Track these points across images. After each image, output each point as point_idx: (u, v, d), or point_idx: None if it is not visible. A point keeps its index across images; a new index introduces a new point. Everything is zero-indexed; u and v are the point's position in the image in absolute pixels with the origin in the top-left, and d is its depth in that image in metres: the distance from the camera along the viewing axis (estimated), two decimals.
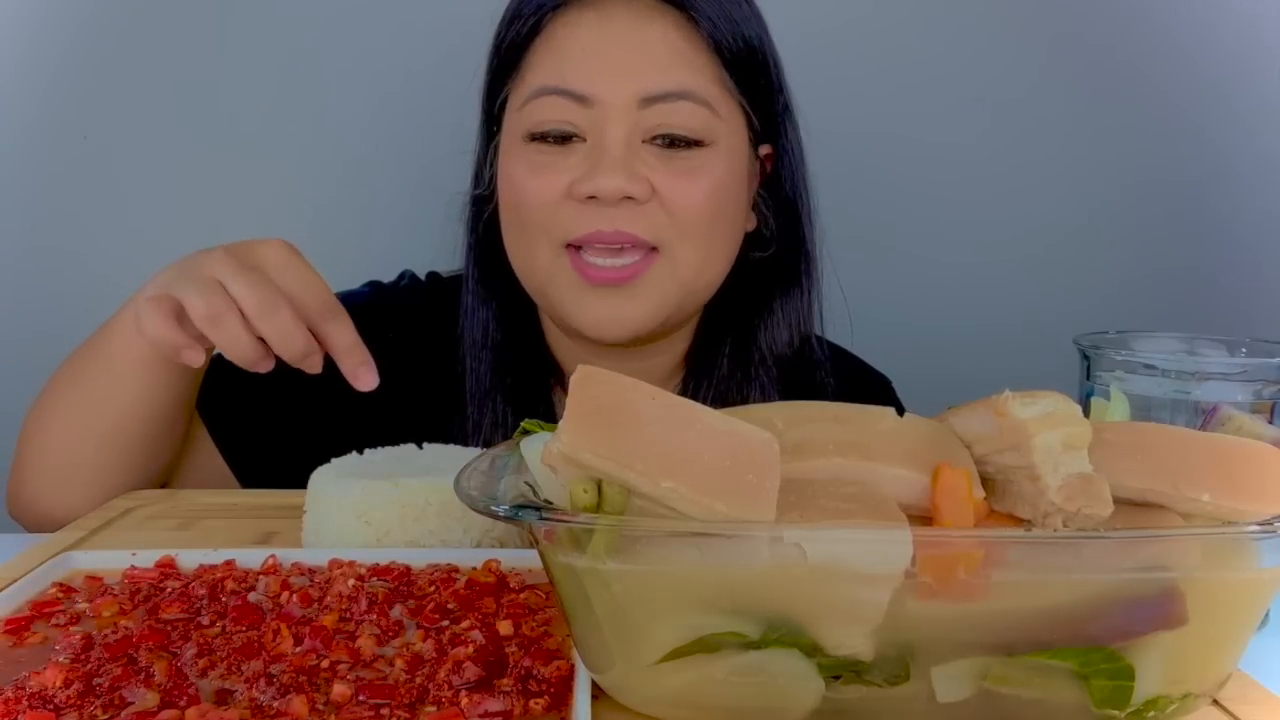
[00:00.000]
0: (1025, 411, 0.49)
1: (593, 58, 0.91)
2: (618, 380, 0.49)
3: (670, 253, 0.92)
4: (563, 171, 0.91)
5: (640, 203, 0.90)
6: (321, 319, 0.78)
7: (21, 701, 0.49)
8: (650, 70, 0.91)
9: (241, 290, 0.75)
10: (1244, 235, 1.53)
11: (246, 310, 0.75)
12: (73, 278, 1.49)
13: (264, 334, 0.76)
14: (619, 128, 0.90)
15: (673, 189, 0.91)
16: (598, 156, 0.90)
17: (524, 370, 1.02)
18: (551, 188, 0.91)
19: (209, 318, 0.75)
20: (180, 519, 0.85)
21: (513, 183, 0.94)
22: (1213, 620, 0.48)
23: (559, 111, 0.91)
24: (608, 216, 0.90)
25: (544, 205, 0.92)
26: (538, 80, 0.93)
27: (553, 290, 0.94)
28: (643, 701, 0.51)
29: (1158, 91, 1.51)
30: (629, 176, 0.89)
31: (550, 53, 0.93)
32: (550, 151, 0.92)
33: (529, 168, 0.93)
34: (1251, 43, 1.49)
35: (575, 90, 0.91)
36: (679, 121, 0.91)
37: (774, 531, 0.46)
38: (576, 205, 0.91)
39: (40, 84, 1.46)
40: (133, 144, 1.47)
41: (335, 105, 1.48)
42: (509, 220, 0.97)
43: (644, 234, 0.91)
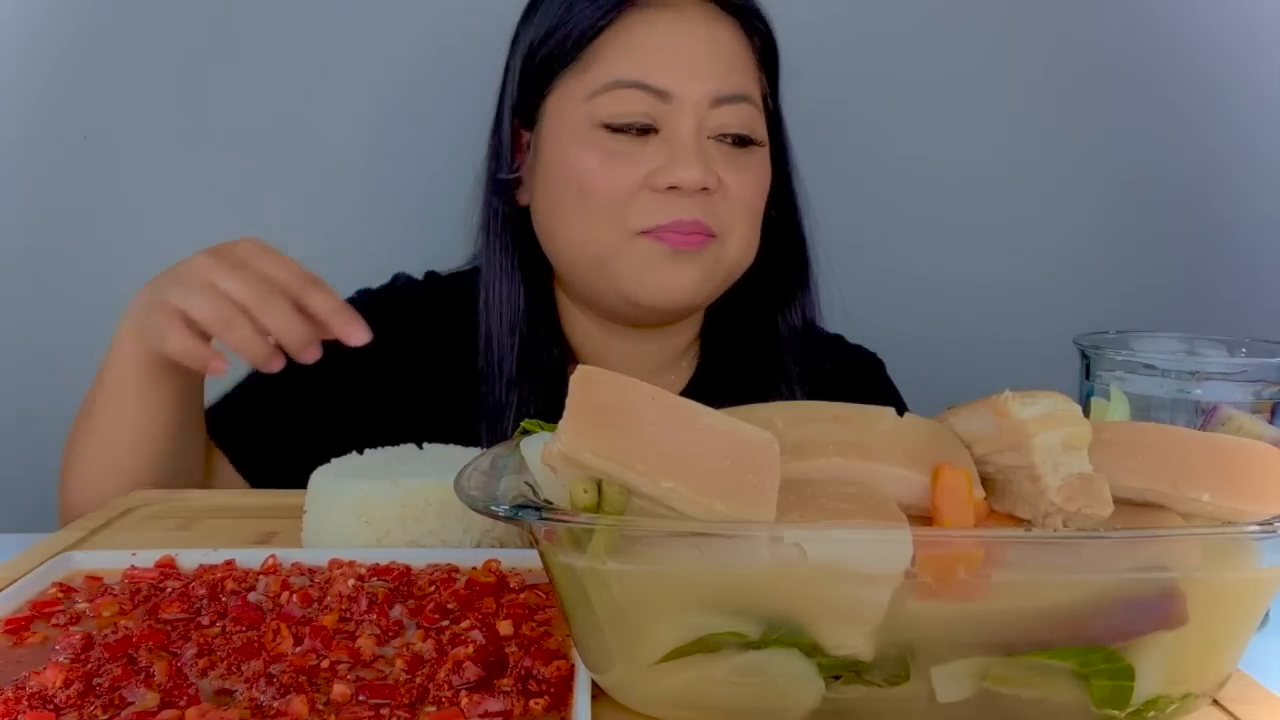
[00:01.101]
0: (1025, 411, 0.49)
1: (672, 56, 0.96)
2: (618, 380, 0.49)
3: (724, 239, 0.99)
4: (638, 162, 0.95)
5: (711, 193, 0.96)
6: (304, 294, 0.80)
7: (21, 701, 0.49)
8: (721, 72, 0.97)
9: (237, 287, 0.78)
10: (1244, 236, 1.53)
11: (249, 306, 0.78)
12: (73, 278, 1.49)
13: (269, 327, 0.78)
14: (691, 123, 0.96)
15: (733, 181, 0.98)
16: (676, 149, 0.95)
17: (545, 349, 1.05)
18: (627, 177, 0.95)
19: (220, 321, 0.78)
20: (180, 519, 0.85)
21: (581, 170, 0.97)
22: (1213, 620, 0.48)
23: (639, 104, 0.95)
24: (685, 206, 0.95)
25: (619, 192, 0.96)
26: (613, 73, 0.96)
27: (619, 266, 0.98)
28: (643, 701, 0.51)
29: (1157, 92, 1.51)
30: (706, 169, 0.95)
31: (626, 46, 0.97)
32: (627, 142, 0.96)
33: (603, 156, 0.96)
34: (1251, 44, 1.49)
35: (656, 85, 0.95)
36: (740, 122, 0.98)
37: (774, 531, 0.46)
38: (653, 194, 0.95)
39: (40, 84, 1.45)
40: (133, 144, 1.47)
41: (337, 104, 1.47)
42: (568, 206, 0.99)
43: (712, 224, 0.97)
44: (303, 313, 0.80)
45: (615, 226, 0.96)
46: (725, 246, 0.99)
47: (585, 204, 0.97)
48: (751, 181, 0.99)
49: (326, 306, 0.81)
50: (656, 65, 0.95)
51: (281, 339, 0.79)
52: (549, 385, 1.03)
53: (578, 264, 1.01)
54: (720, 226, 0.98)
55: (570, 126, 0.98)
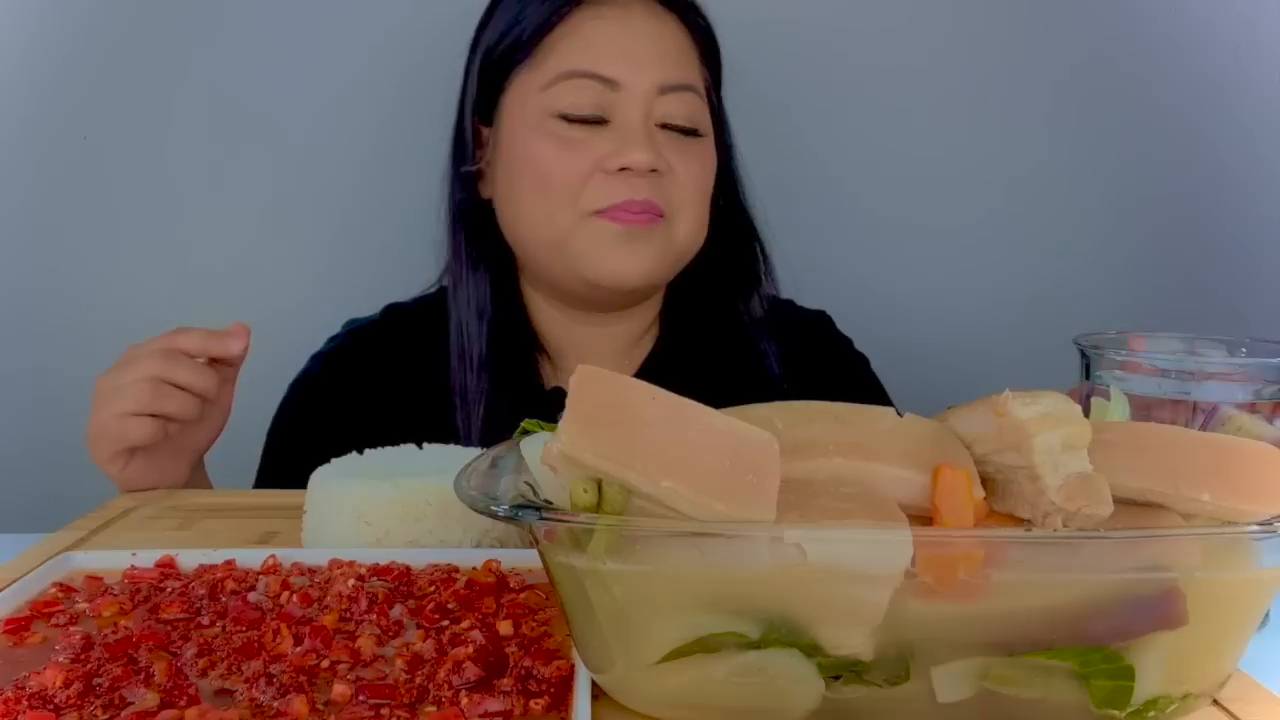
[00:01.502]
0: (1025, 411, 0.49)
1: (621, 47, 1.02)
2: (618, 380, 0.49)
3: (673, 220, 1.04)
4: (591, 148, 1.01)
5: (660, 175, 1.02)
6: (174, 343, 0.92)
7: (21, 701, 0.49)
8: (667, 63, 1.04)
9: (137, 374, 0.90)
10: (1244, 238, 1.53)
11: (159, 377, 0.90)
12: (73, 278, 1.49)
13: (181, 383, 0.91)
14: (639, 110, 1.02)
15: (680, 165, 1.04)
16: (626, 134, 1.01)
17: (513, 338, 1.10)
18: (581, 162, 1.01)
19: (146, 401, 0.89)
20: (180, 519, 0.85)
21: (537, 158, 1.02)
22: (1213, 620, 0.48)
23: (589, 94, 1.01)
24: (636, 186, 1.01)
25: (573, 177, 1.01)
26: (565, 65, 1.02)
27: (575, 248, 1.03)
28: (643, 702, 0.51)
29: (1157, 93, 1.50)
30: (655, 153, 1.01)
31: (578, 40, 1.02)
32: (580, 130, 1.02)
33: (558, 144, 1.02)
34: (1252, 45, 1.49)
35: (606, 74, 1.01)
36: (685, 111, 1.04)
37: (774, 531, 0.46)
38: (605, 177, 1.01)
39: (40, 85, 1.45)
40: (133, 145, 1.47)
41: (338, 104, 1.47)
42: (525, 193, 1.04)
43: (662, 203, 1.02)
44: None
45: (571, 209, 1.02)
46: (675, 227, 1.04)
47: (542, 189, 1.02)
48: (698, 168, 1.06)
49: (194, 344, 0.93)
50: (605, 56, 1.02)
51: (195, 388, 0.91)
52: (518, 371, 1.09)
53: (538, 248, 1.06)
54: (670, 208, 1.03)
55: (527, 118, 1.04)
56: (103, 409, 0.90)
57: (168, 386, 0.90)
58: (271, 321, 1.46)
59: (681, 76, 1.04)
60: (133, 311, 1.49)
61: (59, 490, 0.93)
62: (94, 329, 1.49)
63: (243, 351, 0.94)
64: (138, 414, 0.89)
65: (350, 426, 0.93)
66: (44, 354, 1.48)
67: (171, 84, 1.47)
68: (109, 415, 0.90)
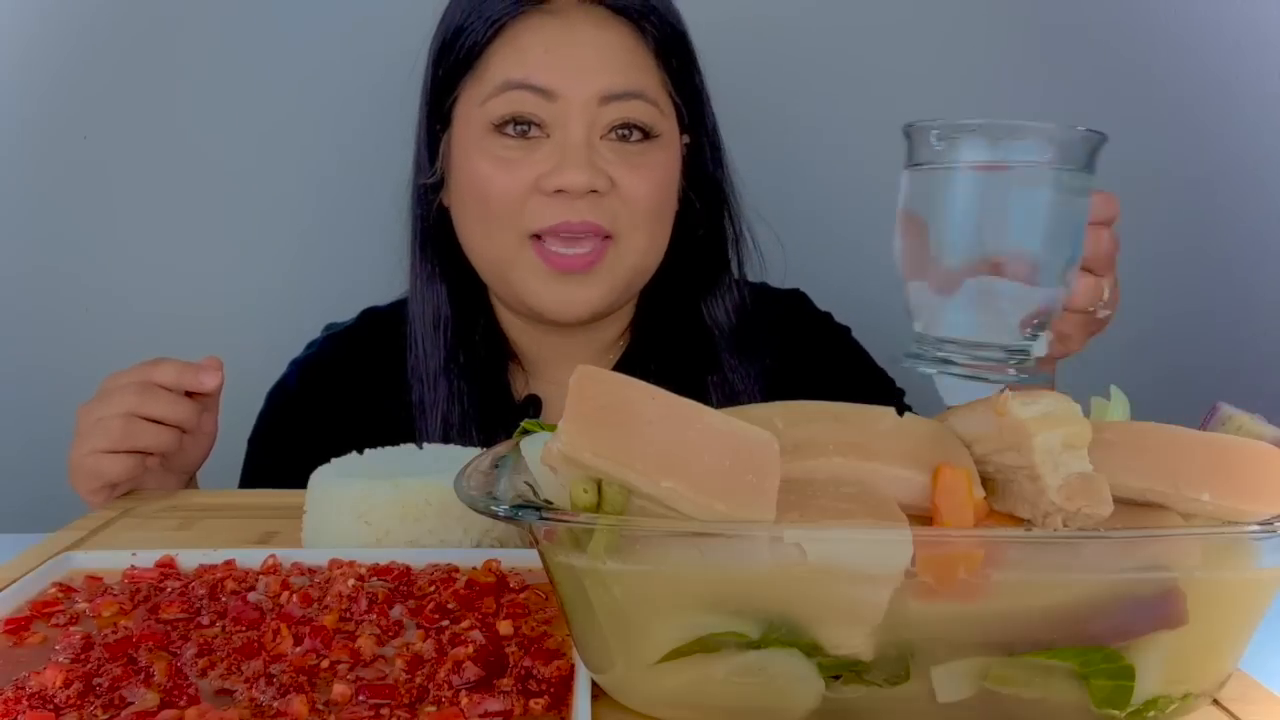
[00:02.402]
0: (1025, 411, 0.49)
1: (557, 57, 0.98)
2: (617, 380, 0.49)
3: (623, 239, 1.00)
4: (529, 166, 0.97)
5: (601, 194, 0.98)
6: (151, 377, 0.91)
7: (21, 701, 0.49)
8: (610, 71, 0.99)
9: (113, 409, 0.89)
10: (1247, 234, 1.53)
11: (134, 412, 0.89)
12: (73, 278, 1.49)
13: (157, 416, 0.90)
14: (580, 124, 0.97)
15: (627, 181, 0.99)
16: (564, 152, 0.97)
17: (476, 348, 1.08)
18: (518, 181, 0.98)
19: (120, 439, 0.89)
20: (180, 519, 0.85)
21: (477, 176, 0.99)
22: (1213, 620, 0.48)
23: (524, 104, 0.98)
24: (574, 208, 0.97)
25: (511, 197, 0.98)
26: (501, 75, 0.98)
27: (515, 276, 1.01)
28: (643, 701, 0.51)
29: (1158, 88, 1.50)
30: (593, 171, 0.96)
31: (514, 51, 0.99)
32: (515, 147, 0.98)
33: (494, 162, 0.98)
34: (1255, 39, 1.49)
35: (541, 85, 0.97)
36: (634, 118, 0.99)
37: (774, 531, 0.46)
38: (543, 198, 0.97)
39: (40, 85, 1.45)
40: (133, 145, 1.47)
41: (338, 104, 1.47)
42: (470, 211, 1.02)
43: (605, 223, 0.98)
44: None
45: (511, 230, 0.99)
46: (624, 248, 1.01)
47: (484, 210, 1.00)
48: (647, 180, 1.00)
49: (169, 377, 0.91)
50: (541, 67, 0.98)
51: (171, 420, 0.91)
52: (482, 384, 1.07)
53: (484, 266, 1.04)
54: (617, 226, 0.99)
55: (469, 133, 1.01)
56: (80, 444, 0.90)
57: (141, 422, 0.89)
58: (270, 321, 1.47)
59: (627, 83, 0.99)
60: (133, 311, 1.49)
61: (59, 490, 0.93)
62: (94, 329, 1.49)
63: (217, 385, 0.93)
64: (112, 451, 0.88)
65: (329, 433, 0.92)
66: (44, 354, 1.48)
67: (171, 85, 1.47)
68: (85, 452, 0.89)
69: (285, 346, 1.17)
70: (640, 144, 1.00)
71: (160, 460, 0.93)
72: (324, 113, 1.48)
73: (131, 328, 1.48)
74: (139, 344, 1.45)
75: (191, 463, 0.97)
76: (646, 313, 1.12)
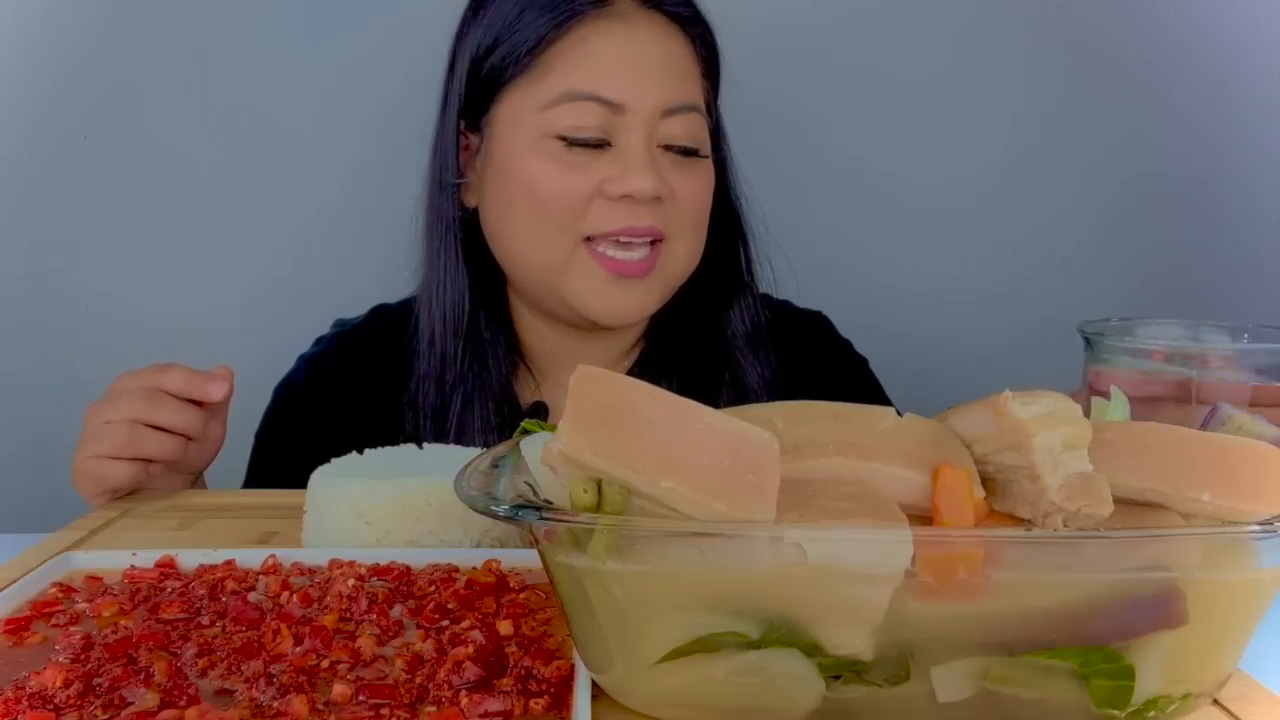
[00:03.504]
0: (1025, 411, 0.49)
1: (625, 66, 0.98)
2: (617, 380, 0.49)
3: (672, 244, 1.02)
4: (593, 172, 0.98)
5: (663, 200, 0.99)
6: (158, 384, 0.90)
7: (21, 701, 0.49)
8: (671, 83, 1.00)
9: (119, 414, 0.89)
10: (1245, 233, 1.53)
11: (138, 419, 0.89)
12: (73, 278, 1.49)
13: (162, 424, 0.89)
14: (642, 134, 0.98)
15: (682, 188, 1.01)
16: (629, 159, 0.97)
17: (486, 352, 1.07)
18: (581, 186, 0.98)
19: (125, 447, 0.88)
20: (180, 519, 0.85)
21: (535, 180, 0.99)
22: (1213, 620, 0.48)
23: (593, 117, 0.97)
24: (637, 213, 0.98)
25: (572, 201, 0.98)
26: (567, 84, 0.98)
27: (567, 280, 1.00)
28: (643, 701, 0.51)
29: (1159, 89, 1.50)
30: (659, 179, 0.98)
31: (580, 58, 0.98)
32: (582, 153, 0.98)
33: (559, 166, 0.98)
34: (1254, 40, 1.49)
35: (610, 98, 0.97)
36: (687, 133, 1.01)
37: (774, 531, 0.46)
38: (607, 203, 0.98)
39: (41, 85, 1.45)
40: (133, 145, 1.47)
41: (338, 104, 1.47)
42: (519, 213, 1.00)
43: (664, 229, 1.00)
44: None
45: (567, 234, 0.99)
46: (672, 251, 1.02)
47: (537, 211, 0.99)
48: (698, 189, 1.03)
49: (177, 384, 0.90)
50: (610, 77, 0.97)
51: (177, 428, 0.90)
52: (489, 389, 1.06)
53: (529, 270, 1.03)
54: (669, 231, 1.01)
55: (523, 135, 0.99)
56: (85, 446, 0.89)
57: (147, 430, 0.89)
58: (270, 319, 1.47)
59: (685, 96, 1.00)
60: (133, 312, 1.49)
61: (59, 490, 0.93)
62: (94, 329, 1.49)
63: (225, 395, 0.92)
64: (116, 457, 0.88)
65: (336, 431, 0.92)
66: (44, 354, 1.48)
67: (171, 85, 1.47)
68: (89, 455, 0.88)
69: (285, 346, 1.17)
70: (691, 156, 1.02)
71: (161, 468, 0.92)
72: (324, 112, 1.48)
73: (132, 328, 1.48)
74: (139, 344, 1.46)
75: (197, 466, 0.97)
76: (661, 321, 1.12)
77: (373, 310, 1.18)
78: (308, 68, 1.47)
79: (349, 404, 1.09)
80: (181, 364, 0.92)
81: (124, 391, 0.90)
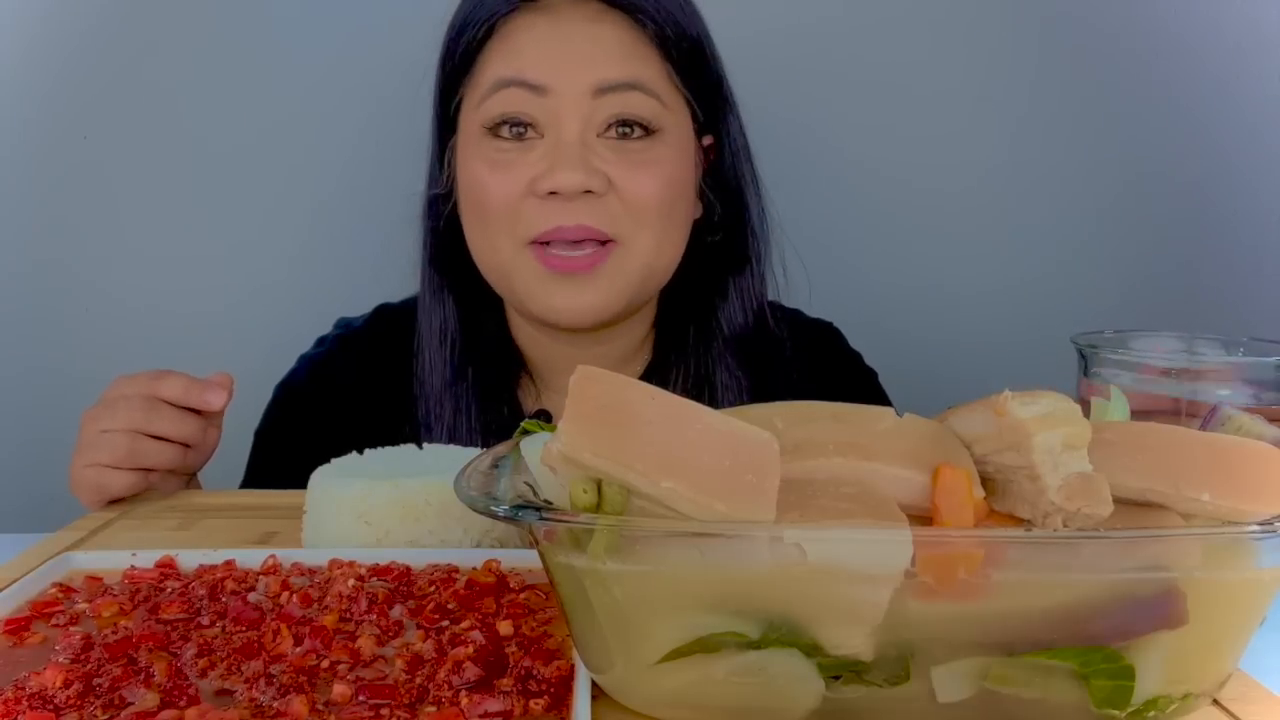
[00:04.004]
0: (1025, 411, 0.49)
1: (547, 52, 0.95)
2: (617, 380, 0.49)
3: (627, 243, 0.96)
4: (523, 168, 0.94)
5: (599, 196, 0.94)
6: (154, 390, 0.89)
7: (21, 702, 0.49)
8: (602, 62, 0.95)
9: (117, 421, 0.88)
10: (1246, 234, 1.53)
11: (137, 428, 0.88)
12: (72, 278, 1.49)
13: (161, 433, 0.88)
14: (574, 120, 0.94)
15: (628, 180, 0.94)
16: (556, 153, 0.93)
17: (486, 362, 1.05)
18: (513, 184, 0.94)
19: (124, 457, 0.87)
20: (180, 519, 0.85)
21: (474, 180, 0.97)
22: (1213, 620, 0.48)
23: (516, 103, 0.94)
24: (569, 211, 0.93)
25: (506, 201, 0.95)
26: (493, 75, 0.96)
27: (516, 281, 0.98)
28: (643, 702, 0.51)
29: (1159, 89, 1.50)
30: (588, 171, 0.92)
31: (505, 50, 0.96)
32: (509, 149, 0.96)
33: (489, 165, 0.96)
34: (1254, 40, 1.49)
35: (531, 80, 0.94)
36: (629, 110, 0.95)
37: (774, 531, 0.46)
38: (538, 201, 0.94)
39: (40, 85, 1.45)
40: (133, 145, 1.47)
41: (338, 104, 1.47)
42: (471, 217, 0.99)
43: (603, 226, 0.94)
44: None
45: (508, 237, 0.96)
46: (629, 251, 0.96)
47: (481, 215, 0.97)
48: (652, 177, 0.95)
49: (175, 393, 0.89)
50: (530, 61, 0.95)
51: (176, 437, 0.89)
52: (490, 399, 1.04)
53: (489, 276, 1.01)
54: (619, 230, 0.95)
55: (466, 138, 0.99)
56: (83, 455, 0.88)
57: (147, 440, 0.88)
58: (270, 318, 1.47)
59: (622, 74, 0.94)
60: (133, 311, 1.50)
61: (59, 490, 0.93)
62: (94, 329, 1.49)
63: (223, 405, 0.91)
64: (116, 467, 0.87)
65: (337, 432, 0.91)
66: (44, 354, 1.48)
67: (171, 84, 1.47)
68: (88, 464, 0.87)
69: (285, 345, 1.17)
70: (642, 140, 0.95)
71: (160, 476, 0.92)
72: (324, 111, 1.48)
73: (131, 328, 1.48)
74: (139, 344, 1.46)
75: (192, 469, 0.97)
76: (668, 324, 1.08)
77: (376, 310, 1.17)
78: (307, 66, 1.47)
79: (350, 405, 1.08)
80: (179, 371, 0.91)
81: (121, 399, 0.89)
